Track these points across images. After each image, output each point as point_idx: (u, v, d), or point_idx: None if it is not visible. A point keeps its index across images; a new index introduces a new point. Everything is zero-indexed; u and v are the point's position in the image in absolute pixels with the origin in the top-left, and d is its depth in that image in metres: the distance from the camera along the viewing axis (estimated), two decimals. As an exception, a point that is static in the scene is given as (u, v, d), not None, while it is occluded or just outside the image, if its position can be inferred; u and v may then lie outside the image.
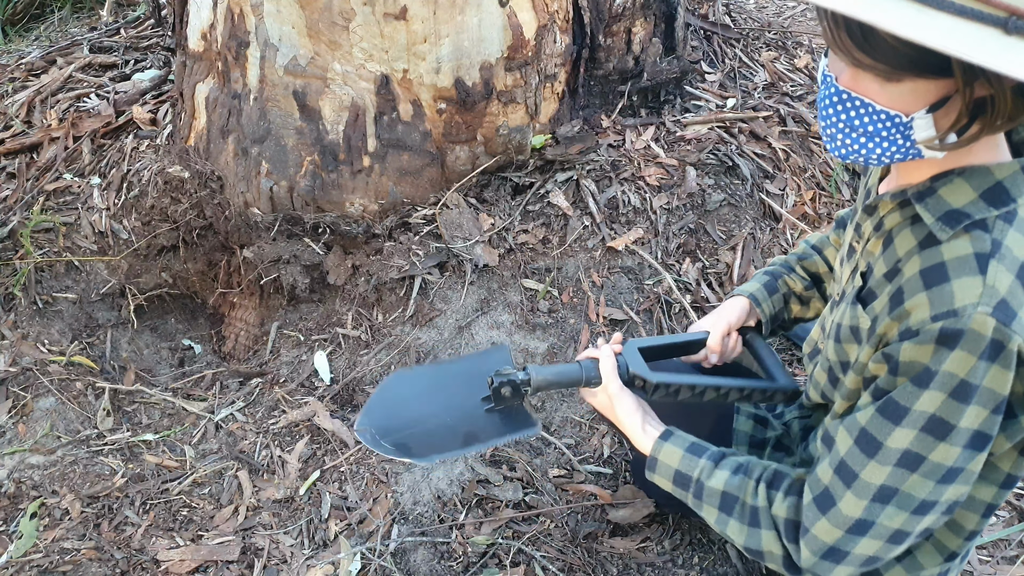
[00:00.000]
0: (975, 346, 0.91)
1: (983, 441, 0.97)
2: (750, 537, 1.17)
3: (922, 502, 1.01)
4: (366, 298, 2.27)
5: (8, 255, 2.40)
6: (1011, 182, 0.95)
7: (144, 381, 2.31)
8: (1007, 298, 0.91)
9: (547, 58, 2.29)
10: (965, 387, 0.94)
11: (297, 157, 2.30)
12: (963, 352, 0.92)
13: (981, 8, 0.76)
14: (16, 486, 1.90)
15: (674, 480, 1.27)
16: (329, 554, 1.74)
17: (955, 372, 0.93)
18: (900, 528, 1.04)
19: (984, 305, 0.91)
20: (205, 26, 2.39)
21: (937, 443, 0.97)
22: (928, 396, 0.96)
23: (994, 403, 0.95)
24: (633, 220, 2.35)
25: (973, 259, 0.93)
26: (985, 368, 0.92)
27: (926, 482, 1.00)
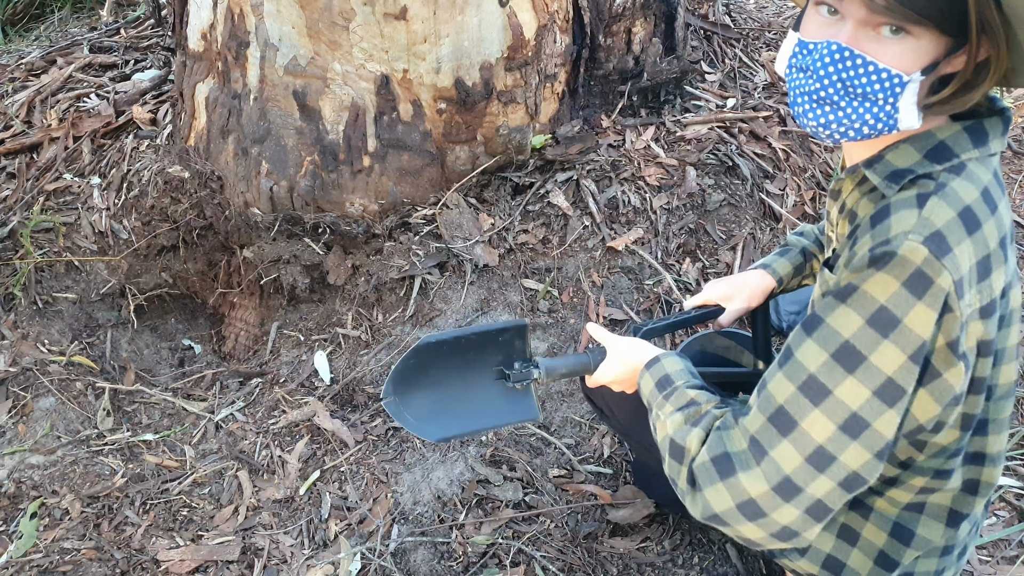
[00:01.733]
0: (901, 271, 0.89)
1: (894, 394, 0.92)
2: (680, 431, 1.09)
3: (818, 448, 0.94)
4: (366, 298, 2.27)
5: (8, 255, 2.40)
6: (953, 140, 0.96)
7: (144, 381, 2.31)
8: (943, 231, 0.89)
9: (547, 58, 2.29)
10: (884, 315, 0.90)
11: (297, 157, 2.30)
12: (888, 275, 0.90)
13: None
14: (16, 486, 1.90)
15: (659, 381, 1.19)
16: (329, 554, 1.74)
17: (876, 295, 0.91)
18: (790, 474, 0.96)
19: (916, 233, 0.89)
20: (205, 26, 2.39)
21: (845, 375, 0.93)
22: (844, 313, 0.93)
23: (912, 347, 0.90)
24: (633, 220, 2.35)
25: (914, 198, 0.93)
26: (908, 300, 0.89)
27: (826, 423, 0.94)
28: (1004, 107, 1.00)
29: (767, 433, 0.97)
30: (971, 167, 0.95)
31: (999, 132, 0.98)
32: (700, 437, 1.06)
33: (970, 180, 0.94)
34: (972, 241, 0.91)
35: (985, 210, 0.93)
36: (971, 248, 0.91)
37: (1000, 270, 0.95)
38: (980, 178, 0.95)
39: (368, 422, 2.05)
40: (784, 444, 0.96)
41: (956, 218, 0.90)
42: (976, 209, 0.92)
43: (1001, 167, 1.10)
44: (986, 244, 0.92)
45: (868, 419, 0.93)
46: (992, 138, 0.97)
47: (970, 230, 0.91)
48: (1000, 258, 0.95)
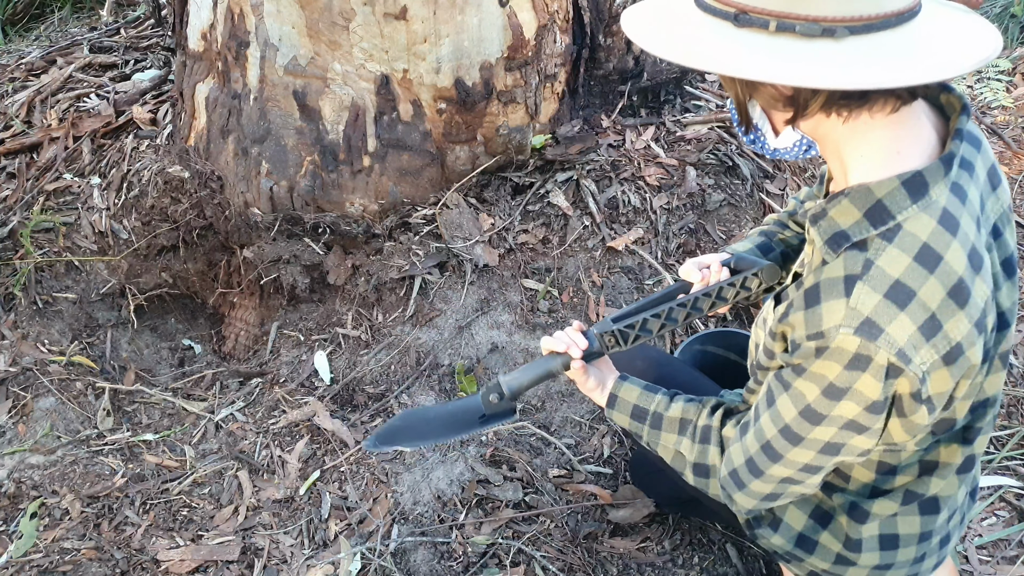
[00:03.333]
0: (840, 358, 0.99)
1: (861, 428, 1.05)
2: (699, 453, 1.28)
3: (805, 465, 1.13)
4: (366, 298, 2.27)
5: (8, 255, 2.40)
6: (890, 199, 0.98)
7: (144, 381, 2.31)
8: (872, 317, 0.96)
9: (547, 58, 2.29)
10: (834, 388, 1.02)
11: (297, 157, 2.30)
12: (829, 361, 1.00)
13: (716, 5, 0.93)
14: (16, 486, 1.90)
15: (632, 414, 1.35)
16: (329, 554, 1.74)
17: (824, 374, 1.02)
18: (789, 477, 1.16)
19: (846, 327, 0.97)
20: (205, 26, 2.39)
21: (813, 427, 1.07)
22: (803, 384, 1.05)
23: (866, 403, 1.01)
24: (633, 220, 2.35)
25: (842, 282, 0.98)
26: (853, 375, 0.99)
27: (807, 452, 1.11)
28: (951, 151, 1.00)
29: (760, 458, 1.17)
30: (908, 226, 0.97)
31: (939, 176, 0.98)
32: (717, 454, 1.26)
33: (902, 247, 0.96)
34: (906, 313, 0.95)
35: (920, 273, 0.96)
36: (906, 319, 0.95)
37: (956, 317, 0.97)
38: (917, 236, 0.96)
39: (368, 422, 2.05)
40: (775, 467, 1.16)
41: (883, 300, 0.96)
42: (907, 279, 0.95)
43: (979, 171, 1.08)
44: (926, 307, 0.95)
45: (842, 442, 1.08)
46: (933, 186, 0.98)
47: (901, 305, 0.95)
48: (951, 307, 0.96)
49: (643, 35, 0.98)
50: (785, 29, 0.90)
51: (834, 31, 0.88)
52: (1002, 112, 3.49)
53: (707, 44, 0.93)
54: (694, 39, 0.95)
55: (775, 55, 0.90)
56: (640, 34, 0.98)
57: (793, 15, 0.89)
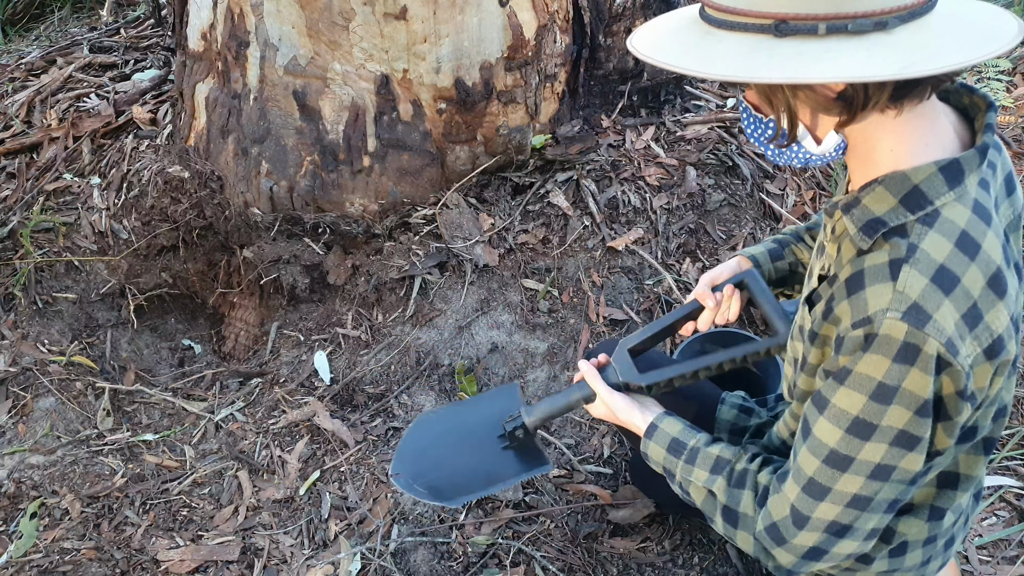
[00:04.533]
0: (888, 349, 0.94)
1: (911, 441, 0.99)
2: (732, 497, 1.20)
3: (854, 496, 1.04)
4: (366, 298, 2.27)
5: (8, 255, 2.40)
6: (927, 185, 0.96)
7: (144, 381, 2.31)
8: (919, 302, 0.92)
9: (547, 58, 2.29)
10: (883, 389, 0.96)
11: (297, 157, 2.30)
12: (877, 355, 0.95)
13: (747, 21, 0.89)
14: (16, 486, 1.90)
15: (669, 446, 1.29)
16: (329, 554, 1.74)
17: (872, 374, 0.96)
18: (836, 520, 1.07)
19: (894, 311, 0.93)
20: (205, 26, 2.39)
21: (862, 444, 1.00)
22: (847, 393, 0.99)
23: (916, 405, 0.96)
24: (633, 220, 2.35)
25: (887, 267, 0.95)
26: (901, 370, 0.94)
27: (856, 479, 1.03)
28: (984, 142, 0.99)
29: (804, 502, 1.08)
30: (946, 213, 0.96)
31: (975, 165, 0.98)
32: (751, 500, 1.17)
33: (943, 232, 0.95)
34: (951, 300, 0.93)
35: (962, 260, 0.94)
36: (951, 307, 0.93)
37: (996, 308, 0.95)
38: (956, 223, 0.95)
39: (368, 422, 2.05)
40: (822, 505, 1.07)
41: (930, 284, 0.93)
42: (951, 264, 0.94)
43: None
44: (968, 295, 0.94)
45: (893, 463, 1.01)
46: (968, 174, 0.97)
47: (947, 291, 0.93)
48: (991, 297, 0.95)
49: (675, 57, 0.93)
50: (836, 30, 0.86)
51: (886, 23, 0.86)
52: (1002, 112, 3.49)
53: (761, 58, 0.88)
54: (739, 55, 0.90)
55: (841, 56, 0.86)
56: (669, 58, 0.94)
57: (843, 14, 0.86)
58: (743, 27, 0.89)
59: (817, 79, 0.86)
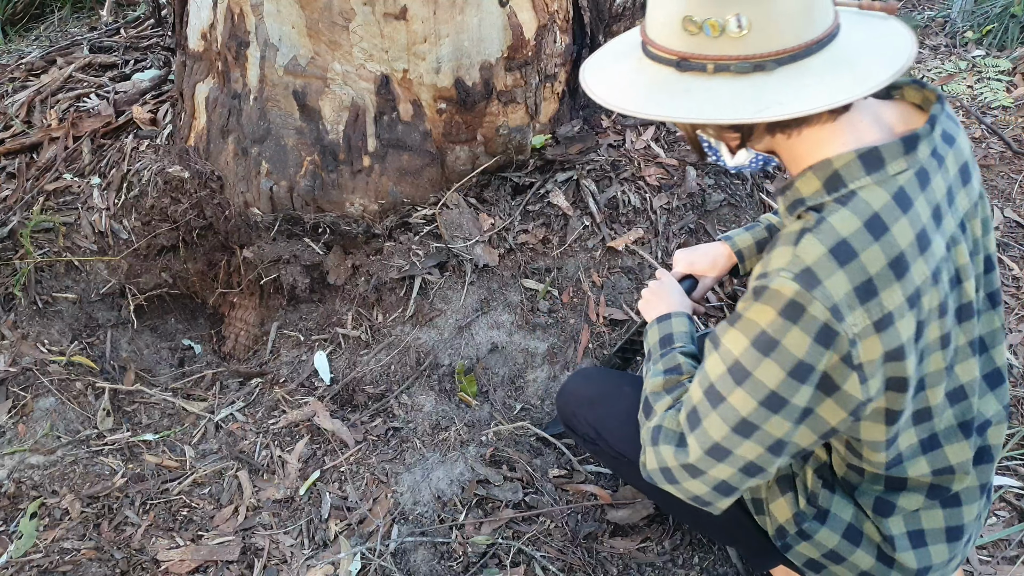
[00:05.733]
0: (776, 302, 1.03)
1: (779, 404, 1.07)
2: (656, 393, 1.30)
3: (715, 444, 1.13)
4: (366, 298, 2.27)
5: (8, 255, 2.40)
6: (845, 170, 1.06)
7: (144, 381, 2.31)
8: (812, 267, 1.01)
9: (547, 58, 2.29)
10: (764, 338, 1.05)
11: (297, 157, 2.30)
12: (765, 305, 1.05)
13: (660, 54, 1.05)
14: (16, 486, 1.90)
15: (662, 338, 1.42)
16: (329, 554, 1.74)
17: (757, 321, 1.05)
18: (700, 456, 1.15)
19: (787, 271, 1.03)
20: (205, 26, 2.39)
21: (735, 387, 1.09)
22: (735, 335, 1.09)
23: (791, 365, 1.04)
24: (633, 220, 2.35)
25: (795, 234, 1.05)
26: (784, 325, 1.03)
27: (722, 424, 1.12)
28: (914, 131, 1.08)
29: (686, 423, 1.18)
30: (862, 195, 1.04)
31: (898, 154, 1.05)
32: (667, 405, 1.26)
33: (854, 211, 1.04)
34: (845, 271, 1.01)
35: (866, 238, 1.02)
36: (844, 278, 1.01)
37: (892, 288, 1.02)
38: (870, 205, 1.04)
39: (368, 422, 2.05)
40: (693, 436, 1.16)
41: (827, 253, 1.02)
42: (853, 240, 1.02)
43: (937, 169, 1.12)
44: (864, 271, 1.02)
45: (756, 423, 1.09)
46: (889, 161, 1.05)
47: (842, 263, 1.02)
48: (889, 277, 1.02)
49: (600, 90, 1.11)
50: (721, 70, 1.01)
51: (764, 65, 1.00)
52: (1002, 112, 3.49)
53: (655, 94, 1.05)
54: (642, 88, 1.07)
55: (714, 96, 1.01)
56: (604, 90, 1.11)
57: (727, 57, 1.00)
58: (658, 59, 1.06)
59: (677, 117, 1.02)
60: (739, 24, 0.99)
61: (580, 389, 1.62)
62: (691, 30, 1.02)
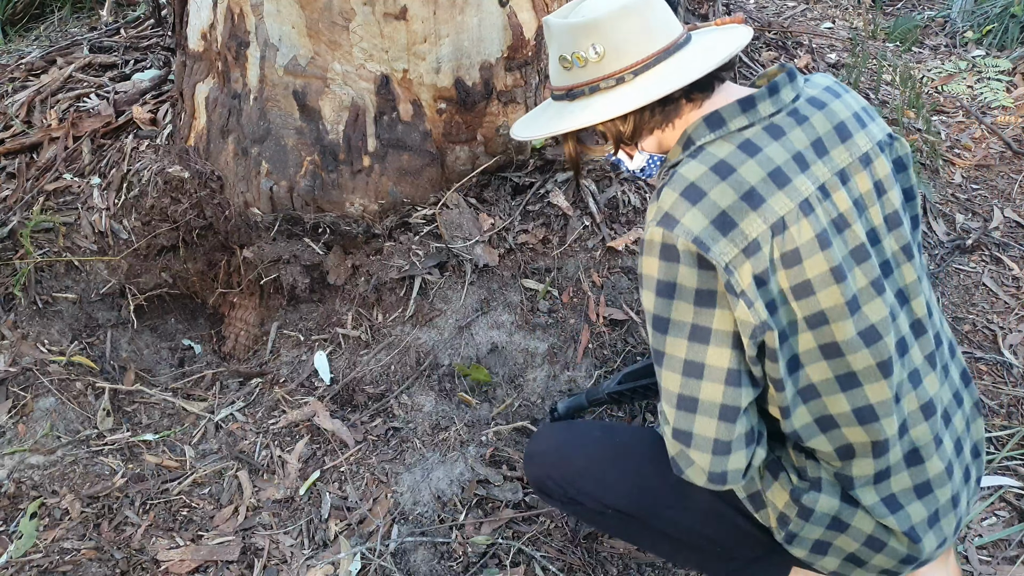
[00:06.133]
0: (652, 250, 1.20)
1: (705, 334, 1.19)
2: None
3: (678, 396, 1.23)
4: (366, 298, 2.27)
5: (8, 255, 2.40)
6: (694, 131, 1.26)
7: (144, 381, 2.31)
8: (669, 211, 1.19)
9: (547, 58, 2.29)
10: (662, 285, 1.20)
11: (297, 157, 2.30)
12: (647, 257, 1.22)
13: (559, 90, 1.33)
14: (16, 486, 1.90)
15: None
16: (329, 554, 1.74)
17: (649, 272, 1.21)
18: (676, 426, 1.24)
19: (653, 220, 1.21)
20: (205, 26, 2.39)
21: (665, 337, 1.22)
22: (644, 295, 1.24)
23: (692, 296, 1.19)
24: (633, 220, 2.35)
25: (657, 192, 1.24)
26: (670, 267, 1.19)
27: (674, 376, 1.23)
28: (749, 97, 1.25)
29: (661, 405, 1.29)
30: (709, 148, 1.23)
31: (736, 112, 1.24)
32: None
33: (701, 160, 1.21)
34: (698, 208, 1.18)
35: (713, 179, 1.19)
36: (699, 213, 1.17)
37: (749, 218, 1.17)
38: (715, 155, 1.21)
39: (368, 422, 2.05)
40: (663, 403, 1.27)
41: (679, 197, 1.19)
42: (700, 182, 1.19)
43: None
44: (715, 206, 1.17)
45: (699, 360, 1.21)
46: (729, 119, 1.24)
47: (693, 201, 1.18)
48: (744, 208, 1.17)
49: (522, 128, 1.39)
50: (595, 90, 1.28)
51: (623, 78, 1.25)
52: (1002, 112, 3.49)
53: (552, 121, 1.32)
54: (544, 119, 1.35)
55: (591, 109, 1.27)
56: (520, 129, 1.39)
57: (595, 79, 1.27)
58: (557, 97, 1.34)
59: (563, 129, 1.28)
60: (596, 52, 1.25)
61: (547, 449, 1.54)
62: (567, 66, 1.29)
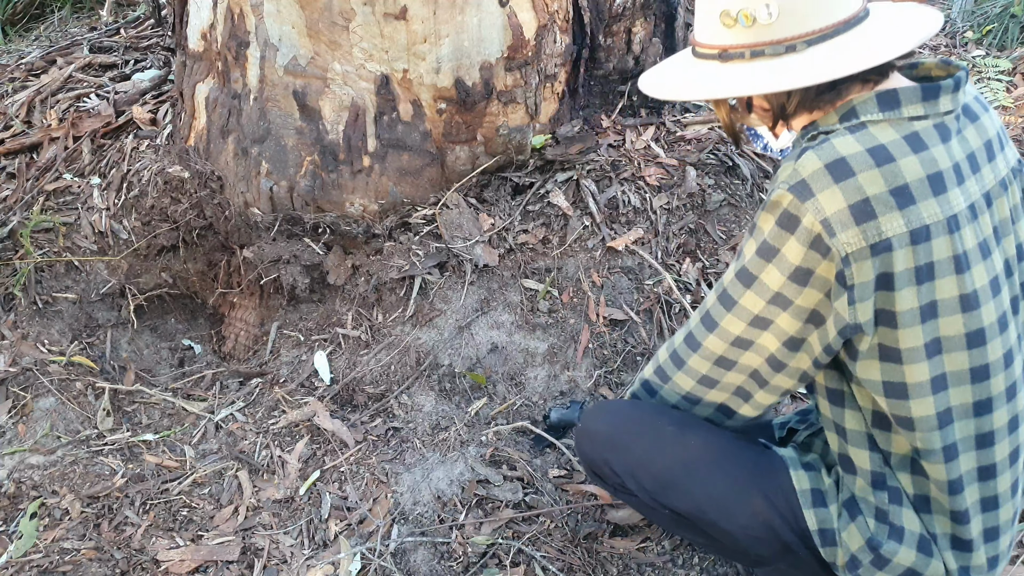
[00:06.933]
0: (775, 211, 1.12)
1: (785, 302, 1.15)
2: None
3: (737, 337, 1.22)
4: (366, 298, 2.27)
5: (8, 255, 2.40)
6: (861, 105, 1.13)
7: (144, 381, 2.31)
8: (807, 180, 1.09)
9: (547, 58, 2.29)
10: (767, 246, 1.14)
11: (297, 157, 2.30)
12: (767, 213, 1.14)
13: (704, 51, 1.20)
14: (16, 486, 1.90)
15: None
16: (329, 554, 1.74)
17: (762, 227, 1.15)
18: (722, 355, 1.26)
19: (785, 182, 1.11)
20: (205, 26, 2.39)
21: (745, 289, 1.19)
22: (748, 243, 1.19)
23: (789, 271, 1.12)
24: (633, 220, 2.35)
25: (799, 152, 1.13)
26: (782, 235, 1.12)
27: (738, 322, 1.21)
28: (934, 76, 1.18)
29: (699, 329, 1.28)
30: (871, 128, 1.11)
31: (915, 99, 1.12)
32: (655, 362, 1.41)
33: (860, 139, 1.10)
34: (840, 187, 1.07)
35: (867, 161, 1.08)
36: (839, 193, 1.07)
37: (892, 215, 1.06)
38: (876, 137, 1.10)
39: (368, 422, 2.05)
40: (711, 338, 1.26)
41: (823, 168, 1.08)
42: (852, 161, 1.08)
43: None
44: (860, 190, 1.07)
45: (769, 317, 1.18)
46: (905, 104, 1.12)
47: (837, 178, 1.08)
48: (890, 203, 1.07)
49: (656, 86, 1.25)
50: (757, 55, 1.13)
51: (795, 46, 1.11)
52: (1002, 112, 3.49)
53: (699, 82, 1.19)
54: (689, 80, 1.21)
55: (749, 76, 1.13)
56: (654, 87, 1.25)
57: (762, 43, 1.13)
58: (704, 55, 1.19)
59: (715, 95, 1.16)
60: (768, 12, 1.11)
61: (608, 429, 1.43)
62: (728, 23, 1.14)
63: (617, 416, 1.45)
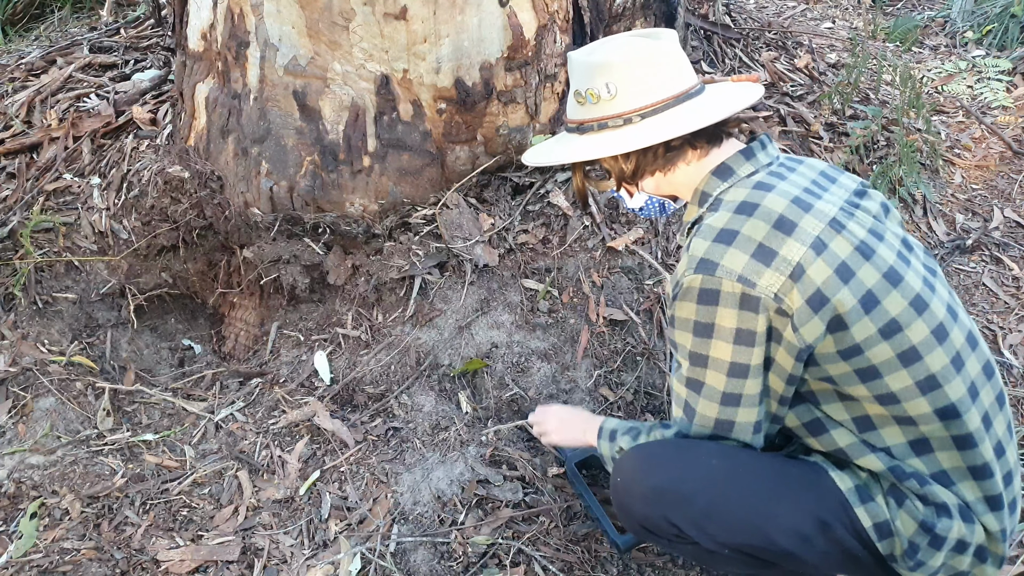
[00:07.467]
0: (691, 296, 1.26)
1: (742, 370, 1.26)
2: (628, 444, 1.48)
3: (716, 420, 1.32)
4: (366, 298, 2.27)
5: (8, 255, 2.40)
6: (706, 185, 1.36)
7: (144, 381, 2.31)
8: (705, 257, 1.25)
9: (547, 58, 2.29)
10: (700, 326, 1.26)
11: (297, 157, 2.30)
12: (683, 302, 1.27)
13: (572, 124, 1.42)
14: (16, 486, 1.90)
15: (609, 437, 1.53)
16: (329, 554, 1.74)
17: (685, 316, 1.27)
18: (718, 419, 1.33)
19: (688, 270, 1.26)
20: (205, 26, 2.39)
21: (704, 371, 1.29)
22: (679, 334, 1.30)
23: (731, 335, 1.24)
24: (633, 220, 2.35)
25: (688, 245, 1.30)
26: (708, 310, 1.24)
27: (712, 404, 1.31)
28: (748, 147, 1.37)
29: (684, 416, 1.37)
30: (726, 197, 1.31)
31: (742, 161, 1.34)
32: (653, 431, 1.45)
33: (724, 209, 1.29)
34: (735, 247, 1.23)
35: (740, 219, 1.25)
36: (736, 252, 1.23)
37: (787, 243, 1.22)
38: (734, 201, 1.29)
39: (368, 422, 2.05)
40: (695, 423, 1.36)
41: (712, 243, 1.25)
42: (729, 225, 1.26)
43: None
44: (751, 240, 1.23)
45: (737, 392, 1.28)
46: (736, 168, 1.34)
47: (728, 242, 1.24)
48: (779, 235, 1.22)
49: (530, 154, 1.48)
50: (603, 127, 1.35)
51: (631, 119, 1.33)
52: (1002, 112, 3.49)
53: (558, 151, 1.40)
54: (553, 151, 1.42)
55: (594, 145, 1.35)
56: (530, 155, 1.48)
57: (605, 116, 1.34)
58: (569, 130, 1.42)
59: (562, 160, 1.38)
60: (608, 90, 1.32)
61: (664, 485, 1.35)
62: (580, 101, 1.36)
63: (665, 467, 1.36)
